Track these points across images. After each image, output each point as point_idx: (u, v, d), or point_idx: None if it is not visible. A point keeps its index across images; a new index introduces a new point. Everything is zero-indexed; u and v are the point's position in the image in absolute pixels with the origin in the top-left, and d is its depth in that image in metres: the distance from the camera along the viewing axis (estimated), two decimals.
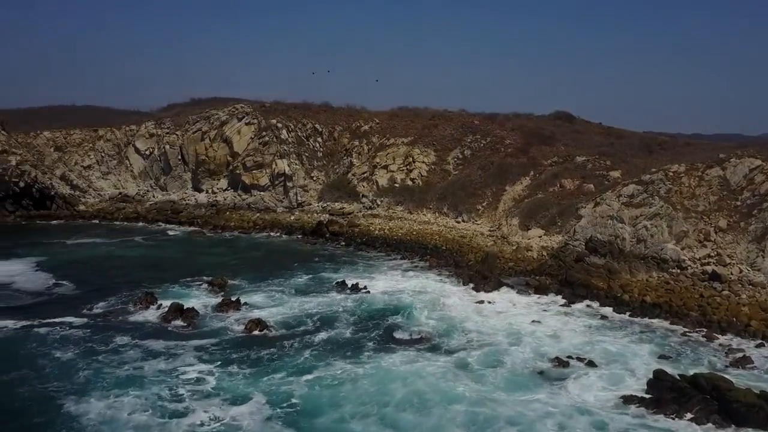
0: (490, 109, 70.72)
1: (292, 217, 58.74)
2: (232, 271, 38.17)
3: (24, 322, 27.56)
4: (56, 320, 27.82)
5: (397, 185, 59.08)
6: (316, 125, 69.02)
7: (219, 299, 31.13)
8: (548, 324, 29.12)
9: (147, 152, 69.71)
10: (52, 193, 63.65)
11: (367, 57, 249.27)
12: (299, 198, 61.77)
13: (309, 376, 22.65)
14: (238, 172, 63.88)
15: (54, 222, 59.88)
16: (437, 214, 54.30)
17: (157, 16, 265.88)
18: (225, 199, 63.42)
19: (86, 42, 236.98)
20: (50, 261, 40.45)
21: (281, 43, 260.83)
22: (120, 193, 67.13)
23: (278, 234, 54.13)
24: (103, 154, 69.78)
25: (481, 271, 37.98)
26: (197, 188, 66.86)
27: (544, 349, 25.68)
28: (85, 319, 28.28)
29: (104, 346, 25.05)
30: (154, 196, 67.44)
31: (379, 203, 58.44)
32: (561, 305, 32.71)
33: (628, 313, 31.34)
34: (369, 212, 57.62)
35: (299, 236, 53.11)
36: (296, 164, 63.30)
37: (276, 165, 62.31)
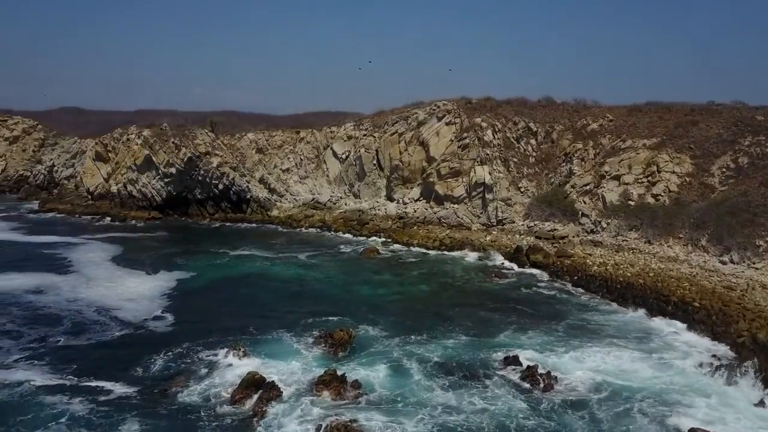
0: None
1: (488, 237, 47.15)
2: (375, 314, 28.59)
3: (52, 380, 20.94)
4: (91, 383, 20.78)
5: (632, 203, 43.61)
6: (530, 124, 56.23)
7: (322, 370, 21.25)
8: None
9: (343, 156, 64.38)
10: (248, 196, 61.67)
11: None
12: (500, 213, 49.84)
13: None
14: (431, 180, 54.39)
15: (243, 226, 57.37)
16: (690, 249, 37.81)
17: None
18: (415, 211, 54.40)
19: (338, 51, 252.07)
20: (190, 280, 35.47)
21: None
22: (313, 199, 62.68)
23: (466, 257, 43.17)
24: (302, 157, 66.41)
25: None
26: (390, 197, 59.14)
27: None
28: (125, 388, 20.54)
29: None
30: (346, 204, 61.58)
31: (604, 226, 43.70)
32: None
33: None
34: (589, 238, 43.26)
35: (490, 262, 41.52)
36: (500, 172, 51.46)
37: (474, 172, 51.30)
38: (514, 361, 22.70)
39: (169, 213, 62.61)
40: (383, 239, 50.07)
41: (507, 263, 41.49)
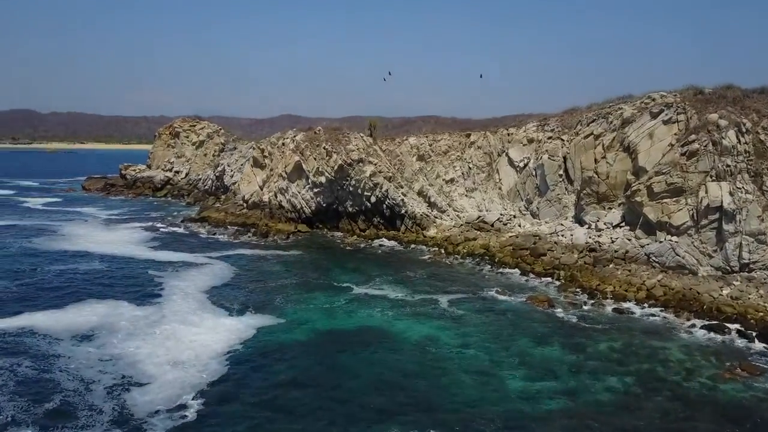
0: None
1: (726, 292, 31.21)
2: None
3: None
4: None
5: None
6: None
7: None
8: None
9: (521, 164, 51.50)
10: (402, 211, 52.04)
11: None
12: (746, 254, 33.22)
13: None
14: (639, 199, 39.21)
15: (390, 246, 47.90)
16: None
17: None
18: (612, 241, 39.72)
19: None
20: (274, 332, 26.30)
21: None
22: (479, 217, 50.84)
23: (688, 326, 28.17)
24: (470, 165, 54.92)
25: None
26: (578, 219, 44.97)
27: None
28: None
29: None
30: (519, 225, 48.72)
31: None
32: None
33: None
34: None
35: (730, 340, 26.18)
36: (747, 192, 34.65)
37: (706, 191, 35.24)
38: None
39: (318, 226, 55.78)
40: (562, 281, 36.67)
41: (761, 345, 25.77)
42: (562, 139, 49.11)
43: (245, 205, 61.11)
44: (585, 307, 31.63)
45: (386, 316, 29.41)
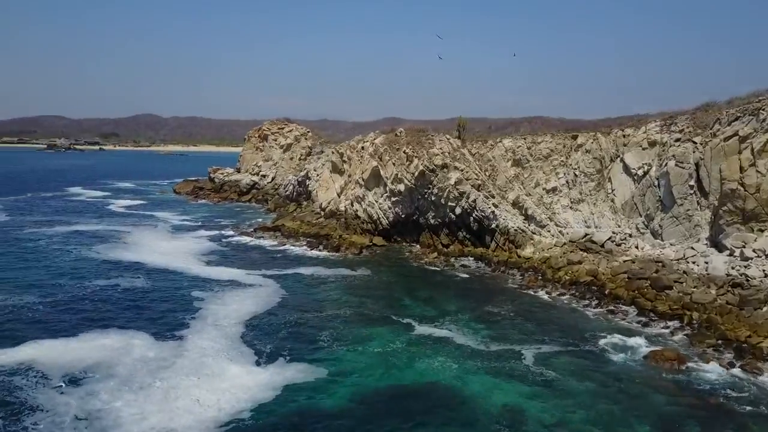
0: None
1: None
2: None
3: None
4: None
5: None
6: None
7: None
8: None
9: (640, 171, 42.38)
10: (492, 225, 44.62)
11: None
12: None
13: None
14: None
15: (476, 265, 40.78)
16: None
17: None
18: (766, 275, 30.16)
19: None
20: (303, 393, 20.14)
21: None
22: (586, 235, 42.32)
23: None
24: (576, 172, 46.37)
25: None
26: (716, 242, 35.49)
27: None
28: None
29: None
30: (637, 247, 39.79)
31: None
32: None
33: None
34: None
35: None
36: None
37: None
38: None
39: (396, 239, 49.70)
40: (695, 328, 27.90)
41: None
42: (694, 142, 39.56)
43: (322, 213, 56.28)
44: (733, 371, 22.98)
45: (456, 370, 22.54)
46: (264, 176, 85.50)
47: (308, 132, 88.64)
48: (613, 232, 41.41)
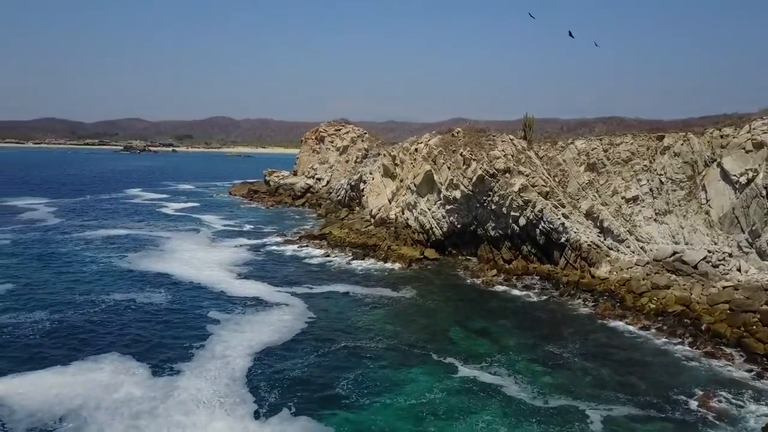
0: None
1: None
2: None
3: None
4: None
5: None
6: None
7: None
8: None
9: (743, 178, 35.44)
10: (562, 239, 38.75)
11: None
12: None
13: None
14: None
15: (541, 287, 35.19)
16: None
17: None
18: None
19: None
20: None
21: None
22: (675, 253, 35.73)
23: None
24: (663, 179, 39.72)
25: None
26: None
27: None
28: None
29: None
30: (740, 269, 32.97)
31: None
32: None
33: None
34: None
35: None
36: None
37: None
38: None
39: (450, 252, 44.64)
40: None
41: None
42: None
43: (372, 221, 51.89)
44: None
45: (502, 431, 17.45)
46: (319, 179, 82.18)
47: (365, 133, 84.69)
48: (709, 251, 34.66)
